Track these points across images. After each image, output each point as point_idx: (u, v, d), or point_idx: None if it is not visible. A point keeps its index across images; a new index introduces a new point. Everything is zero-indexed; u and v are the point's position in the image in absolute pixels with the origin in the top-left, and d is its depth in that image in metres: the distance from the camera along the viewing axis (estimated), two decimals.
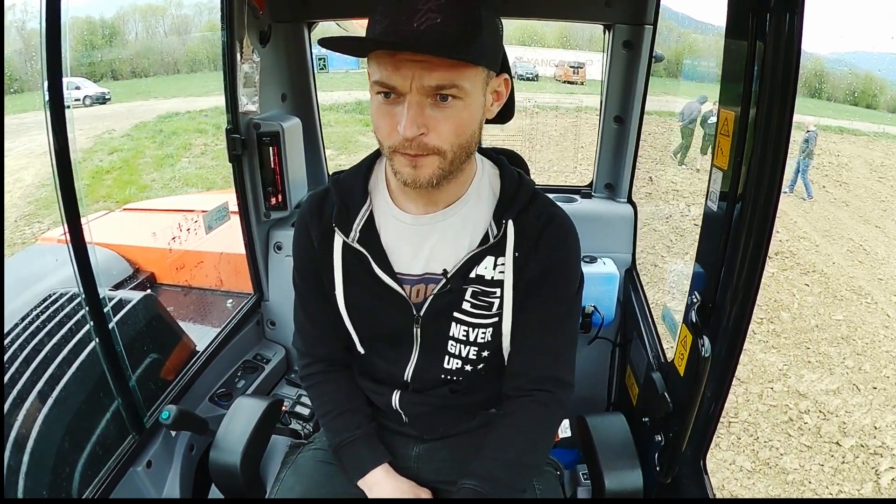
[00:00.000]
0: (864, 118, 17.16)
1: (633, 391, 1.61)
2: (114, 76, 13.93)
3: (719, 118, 0.96)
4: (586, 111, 12.57)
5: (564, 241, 0.98)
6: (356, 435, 1.06)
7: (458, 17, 0.77)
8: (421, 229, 0.96)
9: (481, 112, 0.86)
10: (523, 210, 0.96)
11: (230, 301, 2.42)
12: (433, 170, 0.84)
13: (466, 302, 0.97)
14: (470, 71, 0.79)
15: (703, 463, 1.12)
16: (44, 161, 1.05)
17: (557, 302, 0.99)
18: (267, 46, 1.68)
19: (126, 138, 11.29)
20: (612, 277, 1.74)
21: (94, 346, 1.30)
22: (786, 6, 0.78)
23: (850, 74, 19.48)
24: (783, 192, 5.46)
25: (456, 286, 0.96)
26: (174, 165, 10.29)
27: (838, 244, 8.06)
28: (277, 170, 1.71)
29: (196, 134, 11.67)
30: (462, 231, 0.96)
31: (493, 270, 0.96)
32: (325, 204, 1.00)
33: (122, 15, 15.39)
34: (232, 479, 1.16)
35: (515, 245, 0.95)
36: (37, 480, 1.21)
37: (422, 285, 0.98)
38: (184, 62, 16.40)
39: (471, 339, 1.00)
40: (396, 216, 0.97)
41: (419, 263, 0.97)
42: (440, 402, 1.07)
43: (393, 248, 0.97)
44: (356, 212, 0.97)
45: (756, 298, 0.95)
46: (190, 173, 9.91)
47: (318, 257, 1.01)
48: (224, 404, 1.61)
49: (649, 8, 1.65)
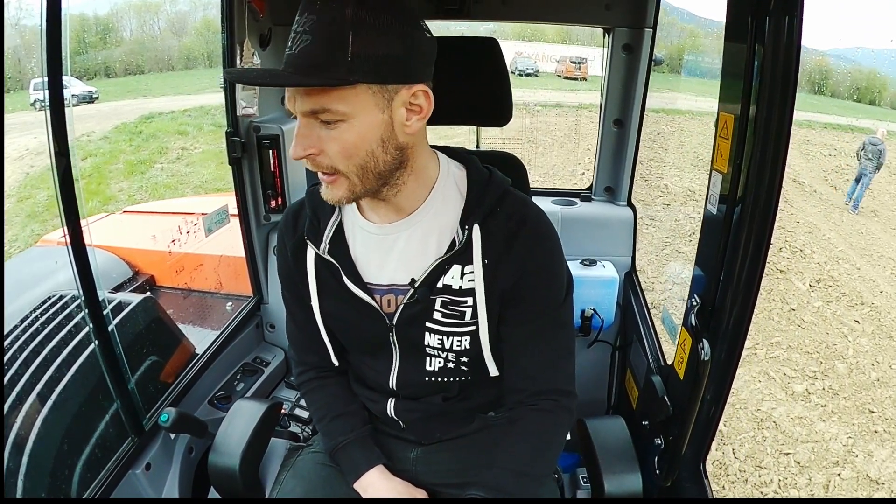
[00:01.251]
0: (871, 115, 16.79)
1: (633, 394, 1.61)
2: (107, 74, 13.68)
3: (718, 120, 0.96)
4: (591, 108, 11.97)
5: (539, 244, 0.93)
6: (350, 438, 1.05)
7: (326, 36, 0.73)
8: (386, 238, 0.93)
9: (381, 130, 0.79)
10: (490, 213, 0.91)
11: (230, 304, 2.42)
12: (343, 191, 0.83)
13: (437, 311, 0.94)
14: (346, 91, 0.75)
15: (703, 466, 1.11)
16: (18, 166, 1.03)
17: (543, 311, 0.95)
18: (267, 49, 1.68)
19: (104, 141, 10.35)
20: (612, 281, 1.74)
21: (93, 348, 1.29)
22: (785, 9, 0.78)
23: (855, 71, 19.33)
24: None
25: (423, 296, 0.93)
26: (145, 173, 9.45)
27: (879, 266, 7.21)
28: (277, 173, 1.71)
29: (176, 136, 10.97)
30: (427, 238, 0.92)
31: (460, 280, 0.92)
32: (299, 216, 0.99)
33: (115, 11, 15.14)
34: (231, 482, 1.16)
35: (483, 251, 0.91)
36: (36, 482, 1.20)
37: (391, 295, 0.96)
38: (178, 59, 16.22)
39: (446, 346, 0.97)
40: (362, 226, 0.94)
41: (386, 273, 0.95)
42: (435, 410, 1.06)
43: (361, 259, 0.95)
44: (326, 223, 0.96)
45: (756, 301, 0.95)
46: (160, 182, 9.11)
47: (293, 269, 1.00)
48: (223, 407, 1.60)
49: (649, 11, 1.66)
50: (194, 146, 10.05)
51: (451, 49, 0.95)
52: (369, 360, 1.05)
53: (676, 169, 9.87)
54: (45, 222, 6.24)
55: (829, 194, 10.13)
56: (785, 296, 5.96)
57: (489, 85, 1.08)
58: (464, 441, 1.11)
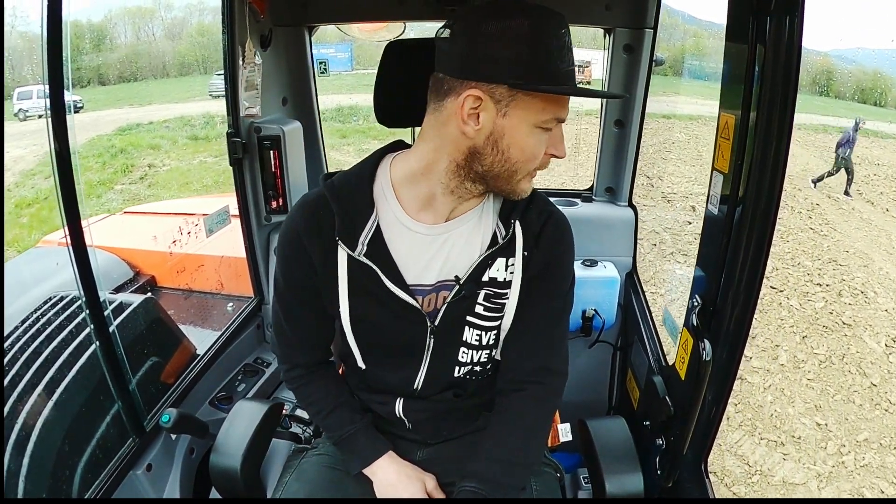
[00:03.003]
0: (882, 117, 16.31)
1: (634, 395, 1.61)
2: (101, 81, 13.44)
3: (719, 121, 0.96)
4: (595, 115, 11.27)
5: (562, 237, 1.01)
6: (357, 427, 1.06)
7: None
8: (437, 238, 0.94)
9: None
10: (525, 209, 0.98)
11: (231, 304, 2.42)
12: None
13: (479, 305, 0.98)
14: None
15: (704, 466, 1.11)
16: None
17: (555, 297, 1.02)
18: (268, 50, 1.68)
19: (73, 157, 9.60)
20: (613, 281, 1.73)
21: (94, 349, 1.30)
22: (786, 9, 0.78)
23: (858, 71, 19.19)
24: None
25: (469, 291, 0.96)
26: (101, 196, 8.37)
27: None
28: (278, 173, 1.71)
29: (148, 150, 10.11)
30: (473, 235, 0.96)
31: (504, 272, 0.97)
32: (321, 214, 0.94)
33: (110, 17, 14.85)
34: (232, 483, 1.15)
35: (524, 244, 0.97)
36: (37, 483, 1.20)
37: (433, 294, 0.97)
38: (172, 66, 16.02)
39: (483, 342, 1.01)
40: (410, 227, 0.93)
41: (432, 273, 0.96)
42: (444, 407, 1.07)
43: (405, 260, 0.94)
44: (362, 224, 0.92)
45: (757, 302, 0.95)
46: (114, 208, 7.32)
47: (318, 272, 0.96)
48: (224, 408, 1.60)
49: (649, 12, 1.66)
50: (163, 162, 9.24)
51: None
52: (393, 364, 1.04)
53: (700, 185, 9.00)
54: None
55: (868, 212, 9.08)
56: (861, 363, 4.61)
57: None
58: (468, 439, 1.11)
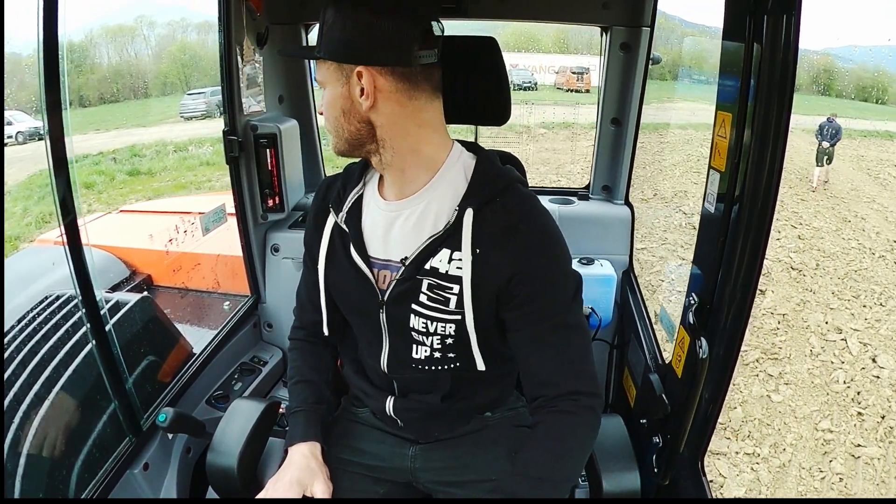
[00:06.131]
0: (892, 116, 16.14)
1: (631, 393, 1.61)
2: (81, 103, 12.82)
3: (716, 120, 0.96)
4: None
5: (540, 244, 0.92)
6: (303, 407, 1.09)
7: (320, 26, 0.90)
8: (389, 215, 0.98)
9: (342, 102, 0.90)
10: (489, 202, 0.92)
11: (227, 303, 2.41)
12: (332, 145, 0.97)
13: (423, 294, 0.95)
14: (321, 65, 0.91)
15: (700, 464, 1.12)
16: None
17: (550, 314, 0.93)
18: (264, 48, 1.68)
19: (6, 197, 8.01)
20: (610, 279, 1.74)
21: (90, 348, 1.29)
22: (783, 8, 0.78)
23: (859, 69, 19.09)
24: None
25: (410, 275, 0.95)
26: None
27: None
28: (275, 172, 1.71)
29: (82, 190, 8.01)
30: (424, 219, 0.95)
31: (447, 264, 0.93)
32: (332, 187, 1.07)
33: (90, 38, 14.22)
34: (229, 482, 1.15)
35: (475, 240, 0.91)
36: (34, 482, 1.20)
37: (387, 272, 0.99)
38: (154, 86, 15.54)
39: (430, 330, 0.97)
40: (375, 201, 1.01)
41: (385, 249, 0.99)
42: (433, 409, 1.07)
43: (369, 232, 1.00)
44: (349, 193, 1.03)
45: (754, 300, 0.95)
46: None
47: (311, 233, 1.08)
48: (221, 407, 1.60)
49: (646, 10, 1.66)
50: (90, 207, 7.35)
51: (449, 48, 0.95)
52: (365, 341, 1.09)
53: None
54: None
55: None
56: None
57: (488, 84, 1.08)
58: (460, 440, 1.11)
